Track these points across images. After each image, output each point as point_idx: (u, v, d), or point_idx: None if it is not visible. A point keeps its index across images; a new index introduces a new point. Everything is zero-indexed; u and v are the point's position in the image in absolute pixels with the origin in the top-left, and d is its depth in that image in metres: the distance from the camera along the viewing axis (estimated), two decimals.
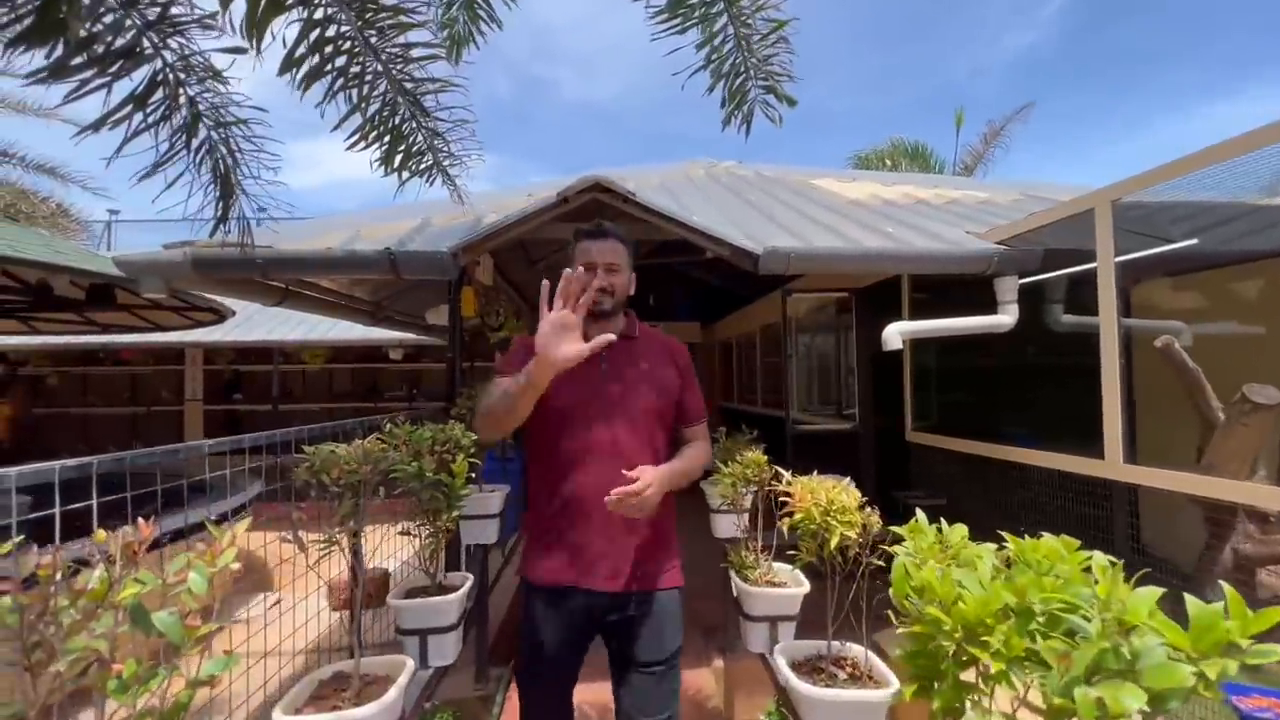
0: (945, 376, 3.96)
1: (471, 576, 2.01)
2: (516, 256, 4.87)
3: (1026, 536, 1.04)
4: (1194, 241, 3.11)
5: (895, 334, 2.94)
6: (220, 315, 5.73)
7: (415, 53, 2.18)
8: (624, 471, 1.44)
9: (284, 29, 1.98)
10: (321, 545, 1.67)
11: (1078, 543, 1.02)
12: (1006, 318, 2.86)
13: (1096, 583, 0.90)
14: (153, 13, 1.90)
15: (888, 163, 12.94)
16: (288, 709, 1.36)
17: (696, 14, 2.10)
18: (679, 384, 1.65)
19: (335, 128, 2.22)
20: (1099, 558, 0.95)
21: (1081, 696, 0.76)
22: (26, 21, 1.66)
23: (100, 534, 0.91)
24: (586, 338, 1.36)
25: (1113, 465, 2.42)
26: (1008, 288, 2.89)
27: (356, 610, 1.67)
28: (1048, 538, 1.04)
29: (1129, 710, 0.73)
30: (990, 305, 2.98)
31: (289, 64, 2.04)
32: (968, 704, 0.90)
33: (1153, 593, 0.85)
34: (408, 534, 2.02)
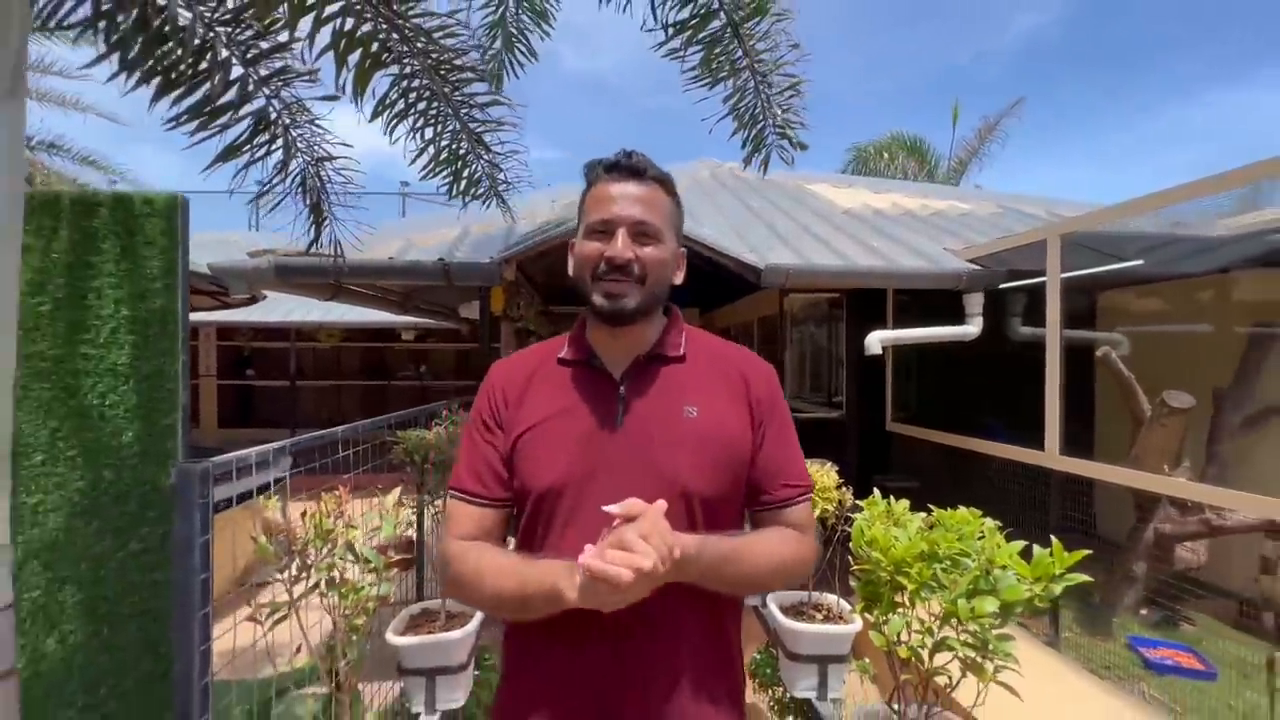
0: (921, 375, 4.45)
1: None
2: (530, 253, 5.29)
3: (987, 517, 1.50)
4: (1139, 262, 3.59)
5: (876, 341, 3.40)
6: (254, 299, 6.12)
7: (479, 99, 2.58)
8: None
9: (375, 82, 2.39)
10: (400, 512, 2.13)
11: (979, 513, 1.49)
12: (972, 328, 3.33)
13: (983, 538, 1.38)
14: (267, 67, 2.29)
15: (886, 155, 13.28)
16: (395, 632, 1.84)
17: (725, 70, 2.50)
18: (751, 435, 0.92)
19: (412, 161, 2.64)
20: (989, 523, 1.42)
21: (961, 605, 1.25)
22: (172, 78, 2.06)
23: (328, 497, 1.37)
24: (591, 351, 0.92)
25: (1050, 456, 2.91)
26: (975, 302, 3.35)
27: (423, 559, 2.14)
28: (962, 509, 1.52)
29: (985, 611, 1.22)
30: (961, 315, 3.45)
31: (379, 110, 2.45)
32: (898, 614, 1.38)
33: (1015, 545, 1.33)
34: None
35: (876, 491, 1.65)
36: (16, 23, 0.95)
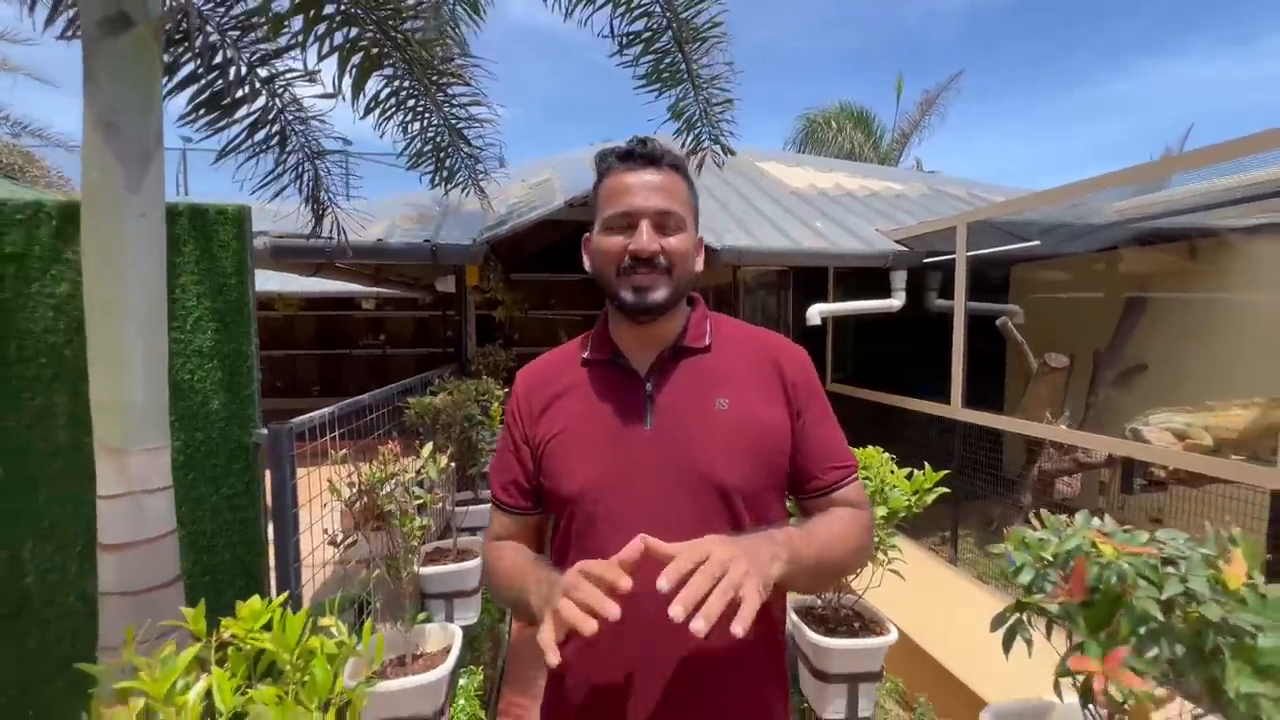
0: (855, 340, 5.02)
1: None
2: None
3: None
4: (1037, 242, 4.19)
5: (816, 313, 3.90)
6: None
7: (460, 99, 2.84)
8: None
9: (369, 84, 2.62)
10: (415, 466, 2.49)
11: (882, 450, 1.99)
12: (896, 301, 3.87)
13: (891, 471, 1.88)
14: (271, 67, 2.50)
15: (834, 125, 13.76)
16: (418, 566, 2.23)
17: (671, 80, 2.84)
18: (789, 423, 0.88)
19: (399, 155, 2.89)
20: (885, 456, 1.92)
21: None
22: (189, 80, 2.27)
23: (388, 447, 1.74)
24: (615, 349, 0.89)
25: (955, 409, 3.50)
26: (899, 278, 3.88)
27: (449, 506, 2.53)
28: (869, 448, 2.02)
29: (878, 516, 1.72)
30: (887, 290, 3.98)
31: (371, 108, 2.69)
32: None
33: (902, 471, 1.83)
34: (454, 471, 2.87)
35: None
36: None
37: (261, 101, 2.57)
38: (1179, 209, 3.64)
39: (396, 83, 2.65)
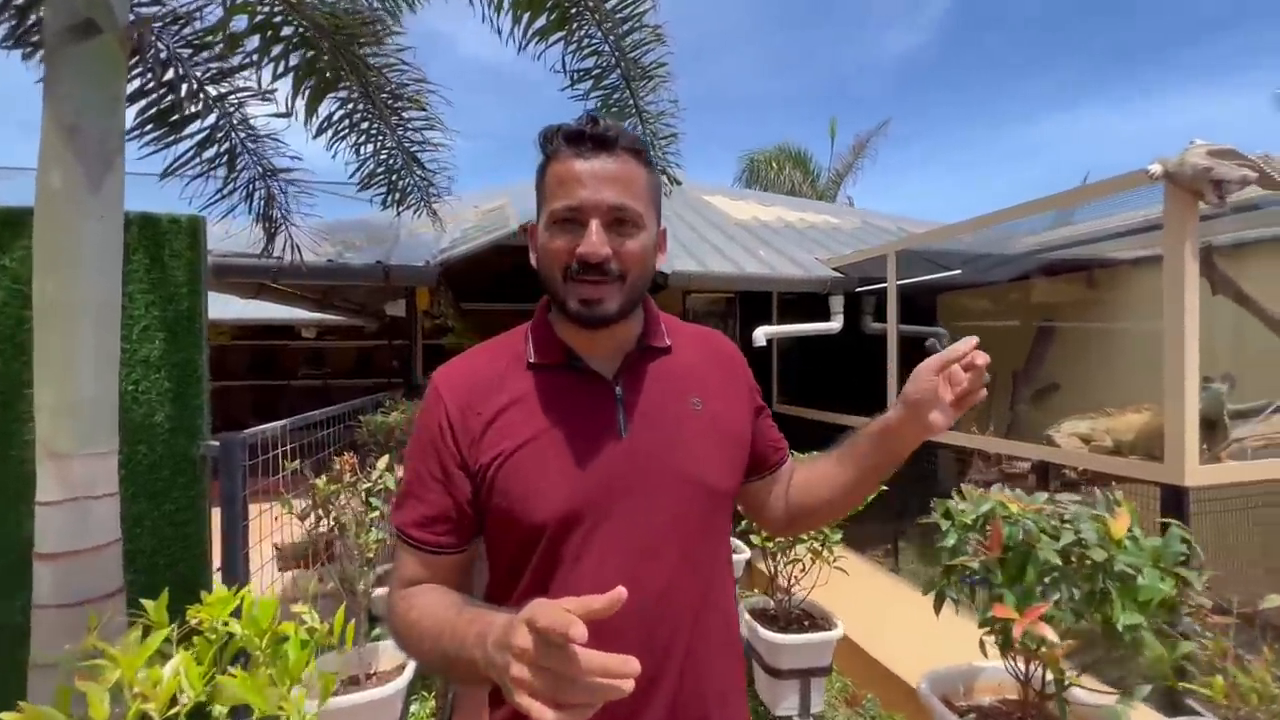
0: (800, 362, 5.26)
1: None
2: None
3: None
4: (958, 271, 4.56)
5: (761, 335, 4.10)
6: None
7: (415, 123, 2.90)
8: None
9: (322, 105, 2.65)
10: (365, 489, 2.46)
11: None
12: (835, 324, 4.12)
13: None
14: (224, 86, 2.49)
15: (774, 165, 14.53)
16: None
17: (619, 115, 2.99)
18: (750, 417, 0.88)
19: (351, 175, 2.91)
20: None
21: None
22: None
23: (344, 459, 1.72)
24: (568, 353, 0.79)
25: None
26: (837, 303, 4.14)
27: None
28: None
29: None
30: (827, 314, 4.23)
31: (324, 128, 2.71)
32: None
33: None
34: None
35: None
36: None
37: (212, 119, 2.56)
38: (1078, 241, 4.08)
39: (351, 105, 2.69)
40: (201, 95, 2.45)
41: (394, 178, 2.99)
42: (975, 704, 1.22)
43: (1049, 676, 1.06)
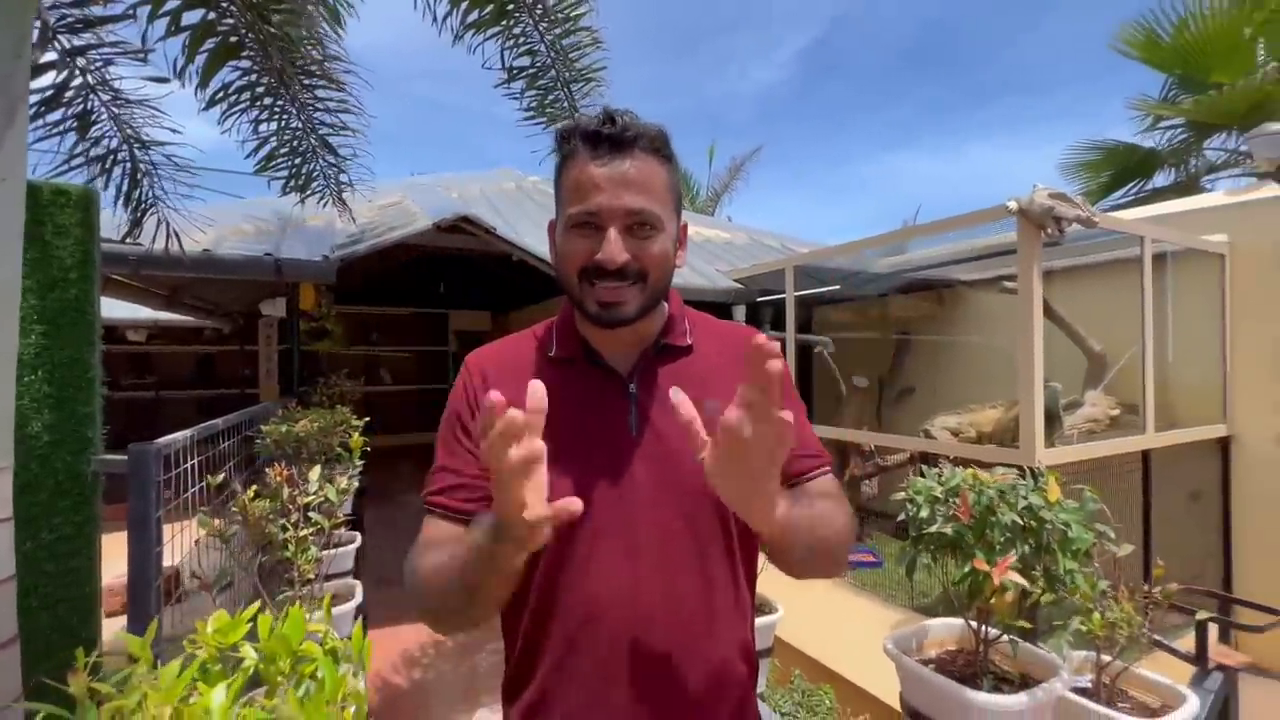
0: None
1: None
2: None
3: None
4: (838, 286, 5.09)
5: None
6: None
7: (329, 104, 2.66)
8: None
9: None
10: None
11: None
12: None
13: None
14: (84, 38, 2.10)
15: None
16: None
17: (555, 117, 2.99)
18: None
19: (249, 155, 2.59)
20: None
21: None
22: None
23: (277, 471, 1.53)
24: (586, 348, 0.80)
25: None
26: (739, 312, 4.42)
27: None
28: None
29: None
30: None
31: (218, 98, 2.38)
32: None
33: None
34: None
35: None
36: None
37: (64, 75, 2.14)
38: (929, 264, 4.75)
39: (255, 76, 2.40)
40: (55, 44, 2.05)
41: (299, 161, 2.70)
42: (926, 657, 1.40)
43: (994, 633, 1.25)
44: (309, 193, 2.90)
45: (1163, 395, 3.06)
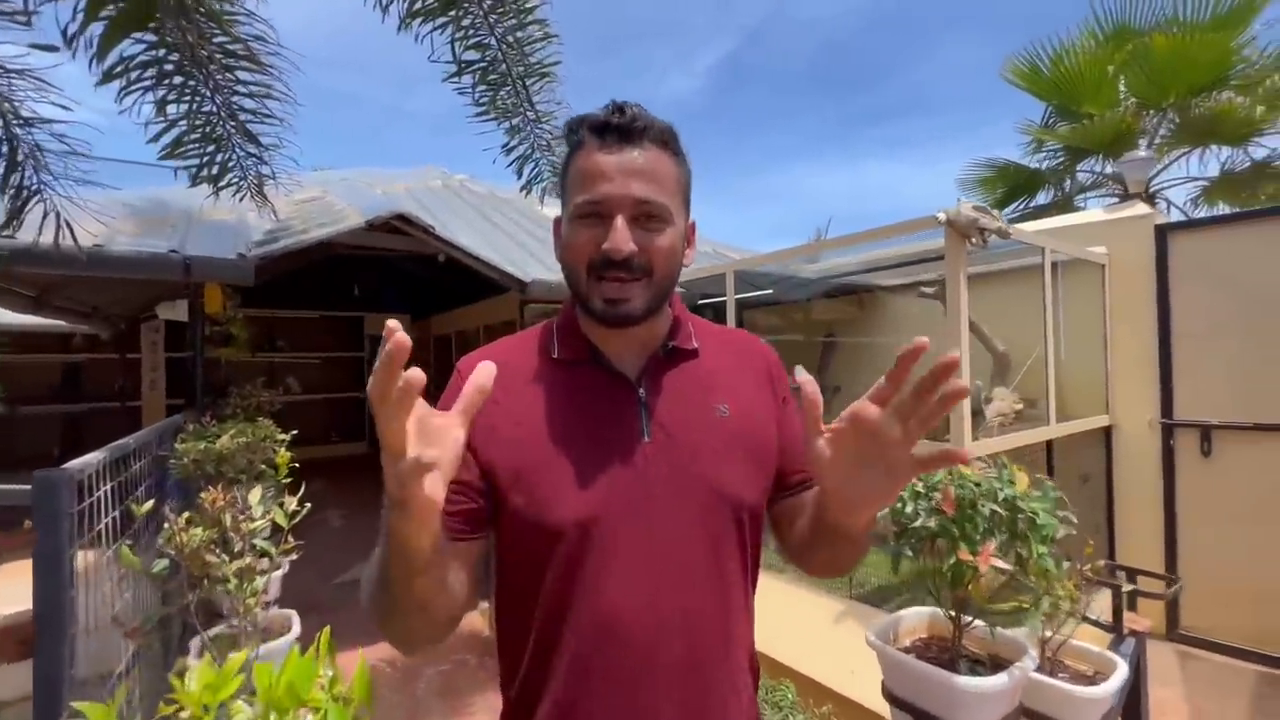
0: None
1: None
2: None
3: None
4: (770, 291, 5.28)
5: None
6: None
7: (252, 87, 2.42)
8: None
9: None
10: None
11: None
12: None
13: None
14: None
15: None
16: None
17: (507, 113, 2.89)
18: (778, 426, 0.82)
19: (153, 139, 2.29)
20: None
21: None
22: None
23: (209, 495, 1.36)
24: (592, 350, 0.78)
25: None
26: None
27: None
28: None
29: None
30: None
31: (118, 72, 2.10)
32: None
33: None
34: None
35: None
36: None
37: None
38: (851, 271, 5.04)
39: (161, 51, 2.13)
40: None
41: (213, 149, 2.43)
42: (903, 645, 1.47)
43: (967, 619, 1.33)
44: (223, 184, 2.61)
45: (1058, 390, 3.41)
